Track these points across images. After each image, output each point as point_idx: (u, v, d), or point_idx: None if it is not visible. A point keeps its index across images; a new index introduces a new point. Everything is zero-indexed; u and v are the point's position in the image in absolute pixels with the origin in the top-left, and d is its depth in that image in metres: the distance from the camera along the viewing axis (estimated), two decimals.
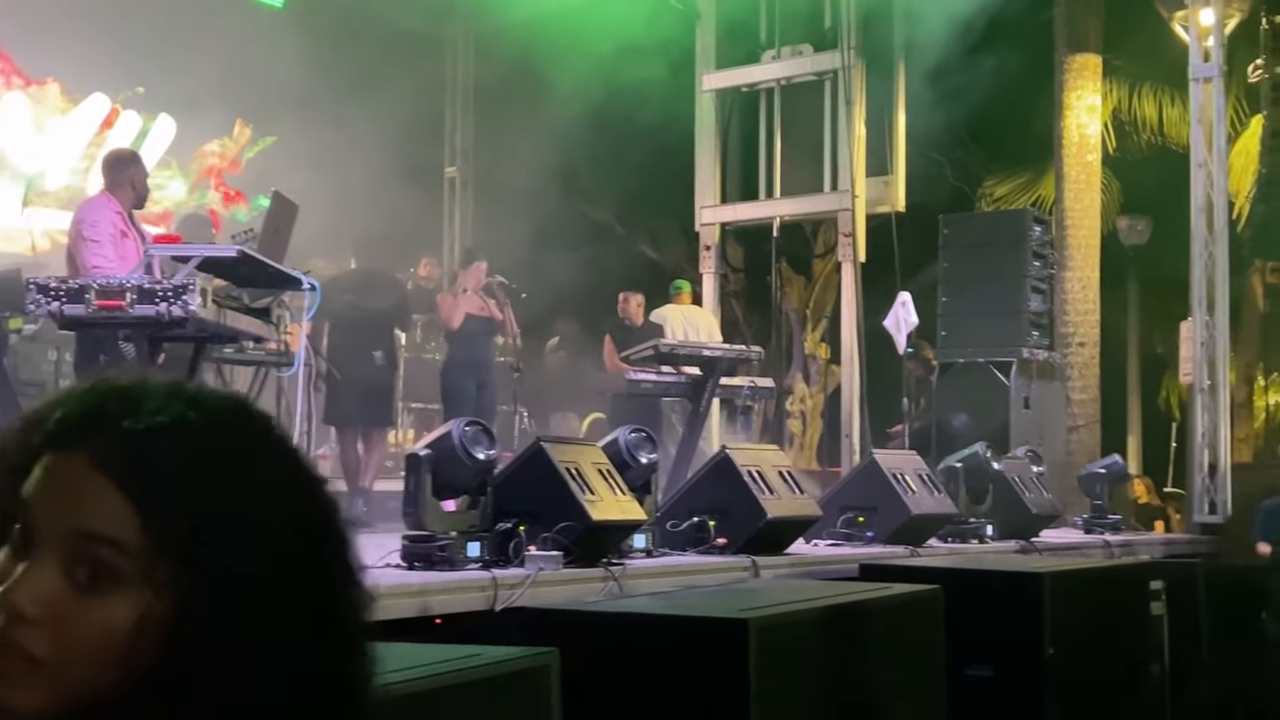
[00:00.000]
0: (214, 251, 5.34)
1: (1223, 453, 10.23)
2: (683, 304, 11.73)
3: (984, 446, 8.19)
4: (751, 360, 10.51)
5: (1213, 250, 10.27)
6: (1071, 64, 12.43)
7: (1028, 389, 10.52)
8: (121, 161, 6.85)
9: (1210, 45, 10.36)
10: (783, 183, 12.81)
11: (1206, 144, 10.34)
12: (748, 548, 6.36)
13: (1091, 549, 8.66)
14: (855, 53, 12.11)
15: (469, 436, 5.45)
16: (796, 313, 17.79)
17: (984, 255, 10.86)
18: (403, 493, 5.42)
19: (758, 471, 6.55)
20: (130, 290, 5.11)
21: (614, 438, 6.33)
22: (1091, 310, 12.44)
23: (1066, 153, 12.43)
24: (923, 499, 7.37)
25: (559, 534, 5.44)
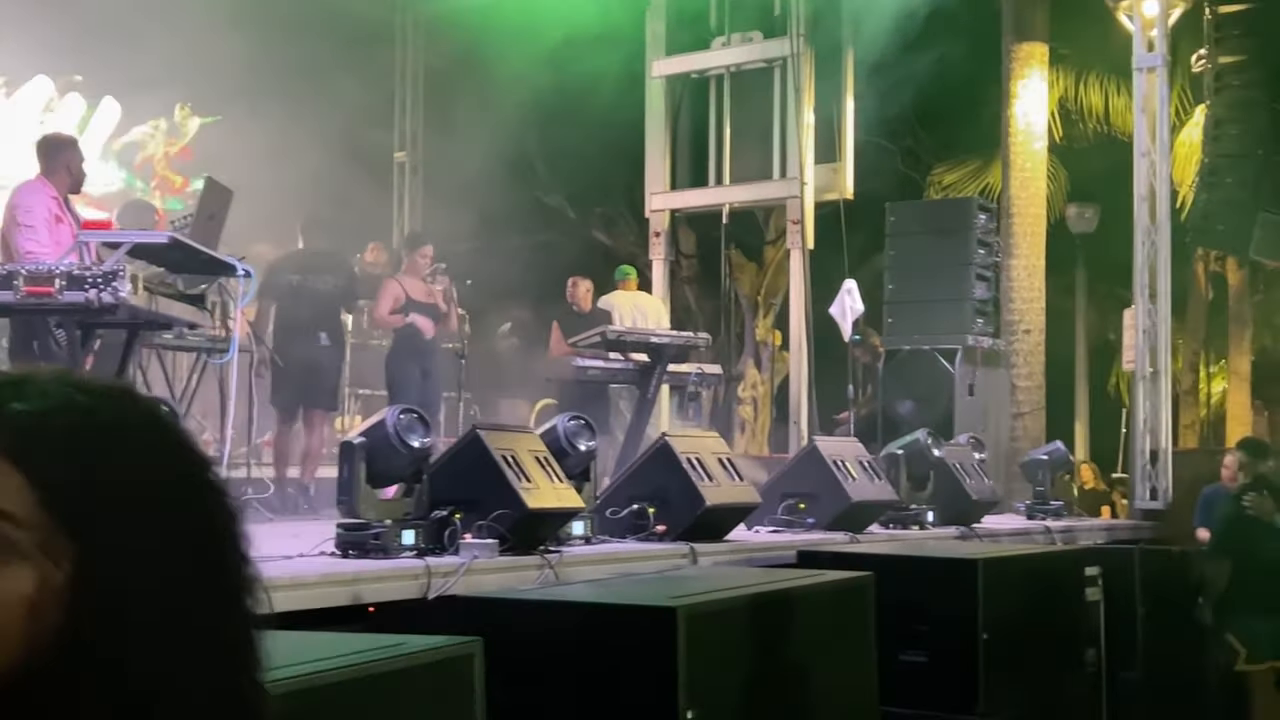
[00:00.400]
0: (145, 237, 5.30)
1: (1164, 439, 10.33)
2: (630, 290, 11.73)
3: (925, 433, 8.24)
4: (699, 347, 10.54)
5: (1155, 239, 10.35)
6: (1018, 52, 12.49)
7: (972, 376, 10.60)
8: (57, 145, 6.76)
9: (1154, 35, 10.44)
10: (732, 169, 12.83)
11: (1150, 133, 10.42)
12: (687, 535, 6.37)
13: (1033, 535, 8.73)
14: (804, 40, 12.14)
15: (403, 424, 5.43)
16: (748, 299, 17.84)
17: (930, 243, 10.92)
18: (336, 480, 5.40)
19: (697, 459, 6.55)
20: (59, 277, 5.06)
21: (552, 425, 6.32)
22: (1037, 298, 12.53)
23: (1013, 141, 12.50)
24: (863, 486, 7.40)
25: (494, 522, 5.43)
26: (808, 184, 12.17)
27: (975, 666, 5.51)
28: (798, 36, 12.13)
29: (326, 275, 9.60)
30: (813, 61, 12.26)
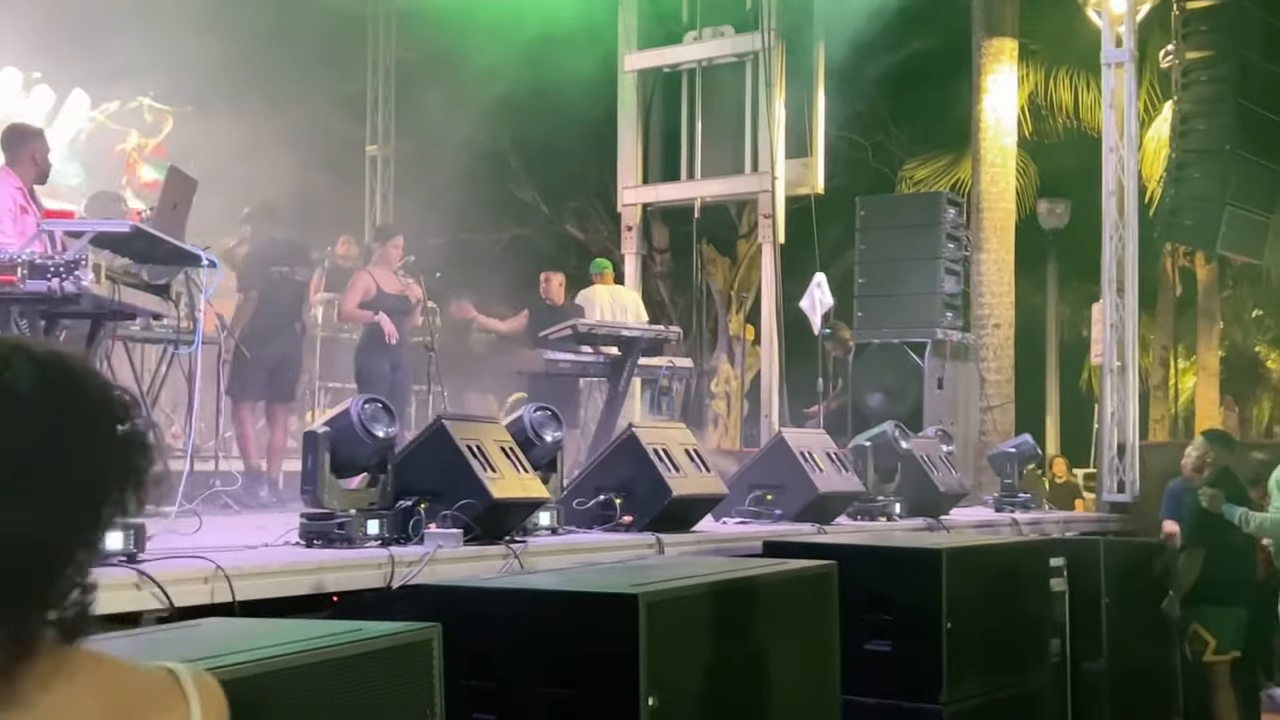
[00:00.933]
0: (107, 226, 5.27)
1: (1131, 432, 10.39)
2: (607, 283, 11.74)
3: (892, 426, 8.26)
4: (670, 340, 10.56)
5: (1123, 234, 10.41)
6: (988, 48, 12.55)
7: (941, 370, 10.64)
8: (22, 135, 6.73)
9: (1122, 31, 10.49)
10: (704, 164, 12.85)
11: (1118, 129, 10.47)
12: (654, 525, 6.37)
13: (1000, 527, 8.77)
14: (776, 35, 12.16)
15: (368, 414, 5.42)
16: (721, 294, 17.87)
17: (900, 237, 10.97)
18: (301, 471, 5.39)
19: (664, 450, 6.56)
20: (21, 265, 5.04)
21: (519, 415, 6.32)
22: (1006, 292, 12.59)
23: (983, 136, 12.55)
24: (830, 477, 7.42)
25: (459, 511, 5.43)
26: (779, 178, 12.21)
27: (939, 656, 5.53)
28: (769, 31, 12.16)
29: (303, 266, 9.61)
30: (784, 56, 12.29)
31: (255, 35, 12.14)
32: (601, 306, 11.25)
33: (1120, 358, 10.46)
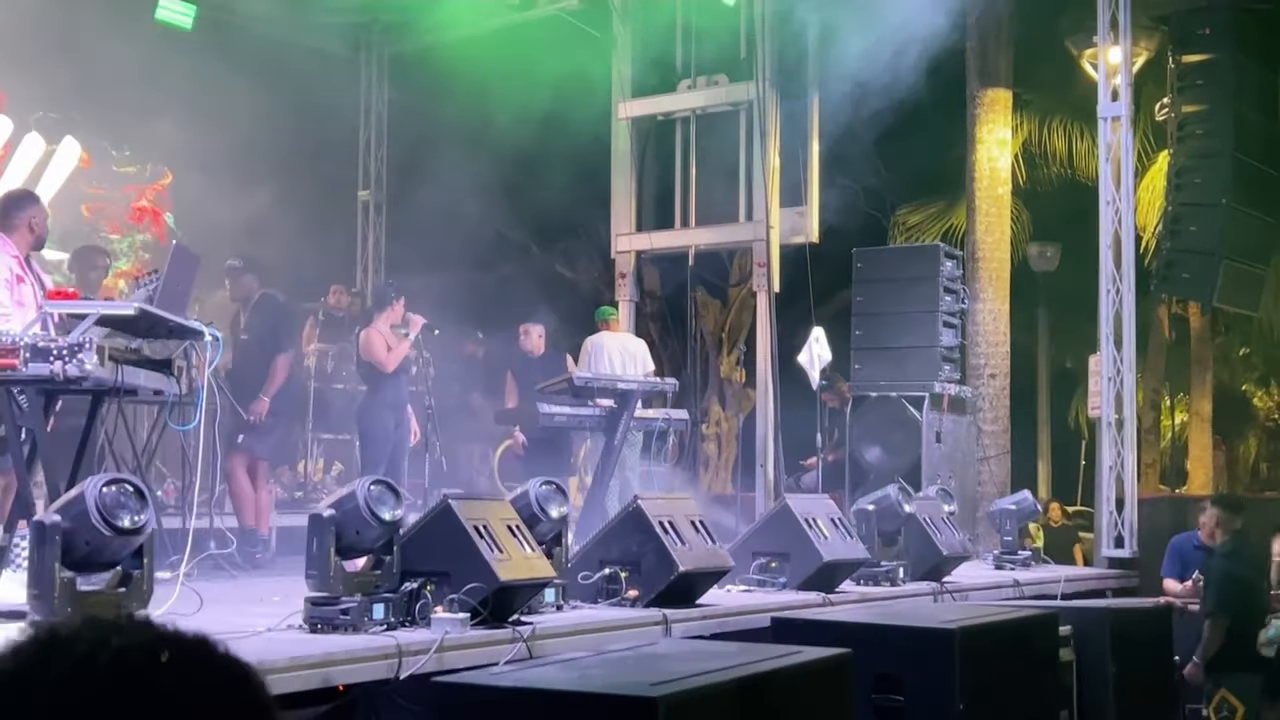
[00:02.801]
0: (111, 309, 5.20)
1: (1130, 487, 10.35)
2: (615, 330, 11.66)
3: (896, 489, 8.23)
4: (667, 393, 10.51)
5: (1120, 286, 10.39)
6: (983, 98, 12.55)
7: (939, 423, 10.60)
8: (17, 203, 6.64)
9: (1118, 83, 10.50)
10: (698, 211, 12.82)
11: (1114, 181, 10.47)
12: (660, 600, 6.32)
13: (1002, 588, 8.72)
14: (770, 84, 12.15)
15: (374, 496, 5.35)
16: (712, 336, 17.80)
17: (897, 289, 10.94)
18: (306, 554, 5.31)
19: (670, 521, 6.50)
20: (24, 349, 4.96)
21: (524, 491, 6.26)
22: (1002, 342, 12.56)
23: (978, 186, 12.54)
24: (835, 545, 7.37)
25: (466, 595, 5.36)
26: (774, 227, 12.18)
27: None
28: (763, 80, 12.15)
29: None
30: (778, 105, 12.27)
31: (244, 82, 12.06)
32: (610, 355, 11.15)
33: (1118, 411, 10.43)
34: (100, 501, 4.43)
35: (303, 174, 13.09)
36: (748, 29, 12.41)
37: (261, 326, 9.28)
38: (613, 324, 11.63)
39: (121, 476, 4.59)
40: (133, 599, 4.59)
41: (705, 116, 12.83)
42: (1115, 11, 10.44)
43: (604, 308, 11.99)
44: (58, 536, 4.37)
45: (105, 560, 4.61)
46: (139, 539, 4.57)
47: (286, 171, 12.83)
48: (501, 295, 16.15)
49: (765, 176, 12.11)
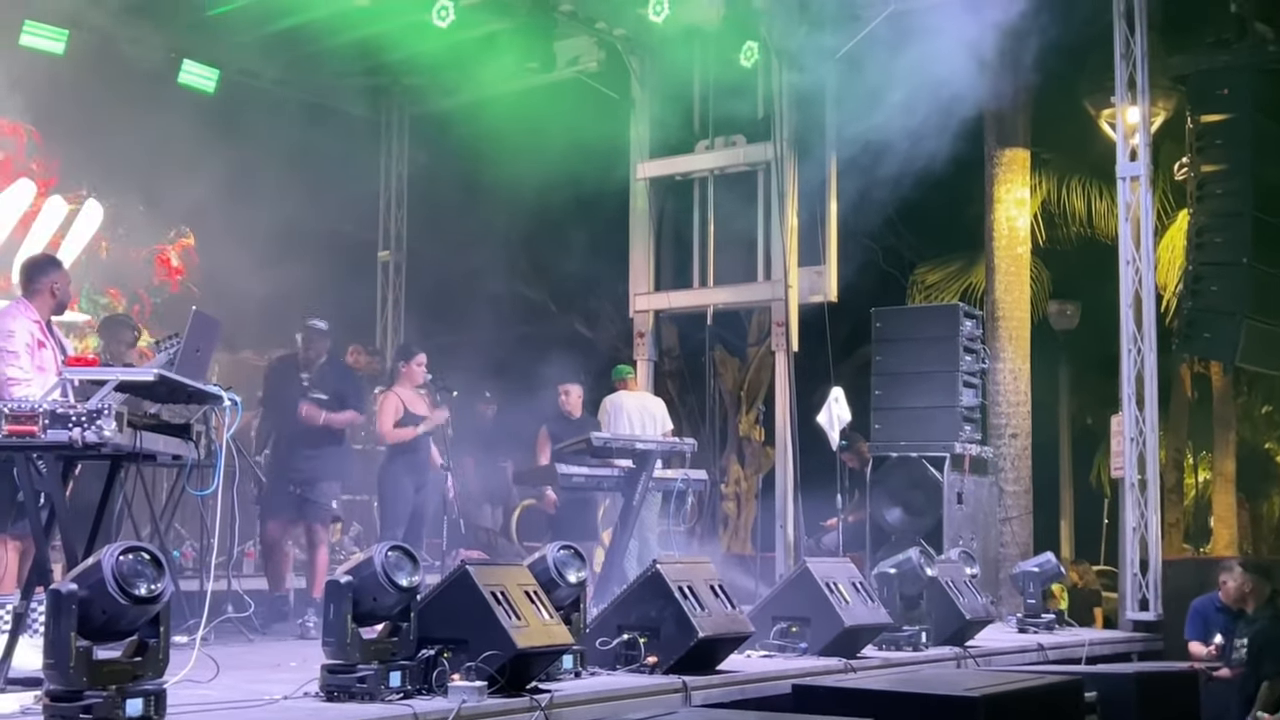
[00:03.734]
0: (131, 375, 5.20)
1: (1154, 549, 10.24)
2: (634, 390, 11.62)
3: (918, 552, 8.15)
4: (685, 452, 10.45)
5: (1141, 346, 10.34)
6: (1001, 158, 12.58)
7: (961, 484, 10.52)
8: (41, 268, 6.68)
9: (1137, 142, 10.50)
10: (716, 271, 12.84)
11: (1134, 241, 10.44)
12: (679, 666, 6.26)
13: (1026, 652, 8.62)
14: (787, 144, 12.20)
15: (392, 562, 5.33)
16: (731, 395, 17.76)
17: (916, 349, 10.89)
18: (322, 620, 5.28)
19: (689, 587, 6.45)
20: (43, 415, 4.96)
21: (542, 556, 6.22)
22: (1023, 401, 12.50)
23: (997, 245, 12.54)
24: (856, 609, 7.30)
25: (484, 663, 5.32)
26: (792, 286, 12.19)
27: None
28: (781, 141, 12.20)
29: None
30: (796, 165, 12.31)
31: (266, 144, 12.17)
32: (629, 414, 11.10)
33: (1141, 471, 10.34)
34: (117, 570, 4.39)
35: (323, 234, 13.16)
36: (765, 90, 12.48)
37: (342, 385, 9.30)
38: (630, 383, 11.61)
39: (138, 544, 4.55)
40: (148, 667, 4.55)
41: (723, 177, 12.89)
42: (1133, 72, 10.46)
43: (621, 366, 11.97)
44: (74, 605, 4.33)
45: (122, 629, 4.55)
46: (156, 607, 4.54)
47: (307, 232, 12.91)
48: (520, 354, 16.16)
49: (783, 236, 12.14)
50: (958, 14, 10.75)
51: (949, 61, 10.67)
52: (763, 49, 12.20)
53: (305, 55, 13.22)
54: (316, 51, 13.10)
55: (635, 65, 13.13)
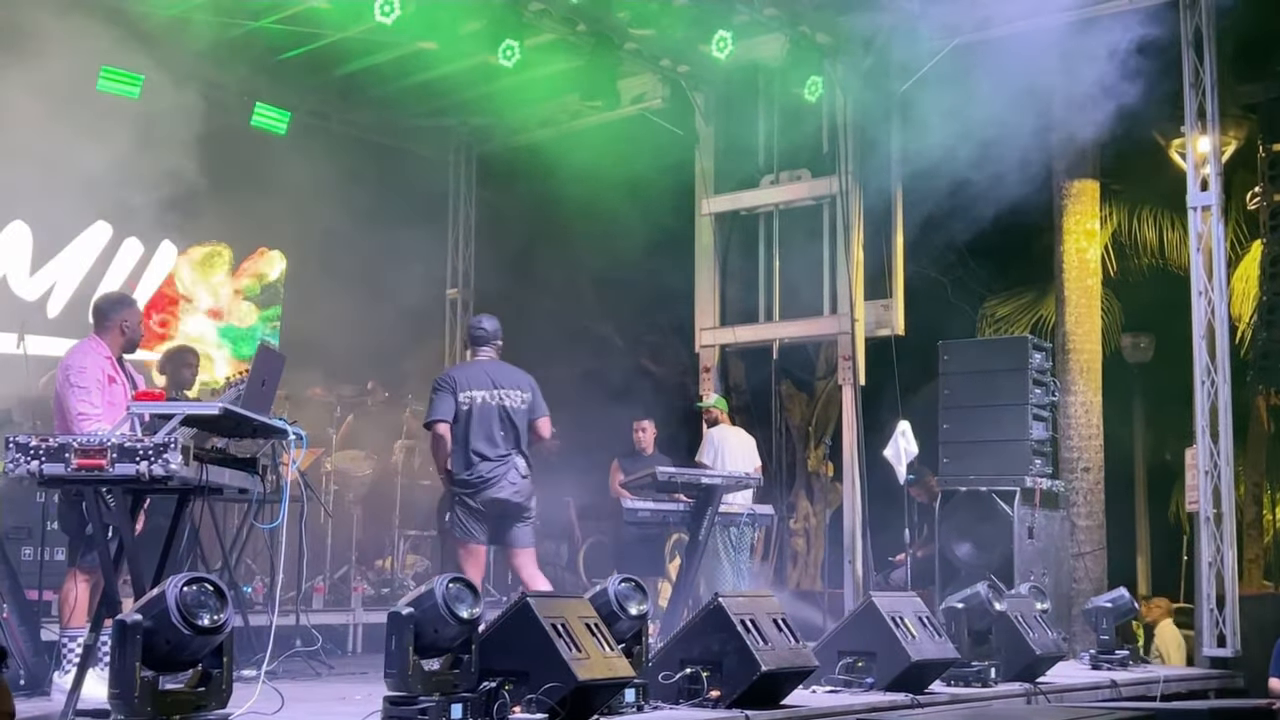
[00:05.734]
0: (197, 409, 5.29)
1: (1230, 583, 10.04)
2: (727, 424, 11.62)
3: (986, 587, 8.05)
4: (751, 487, 10.42)
5: (1215, 378, 10.18)
6: (1070, 189, 12.45)
7: (1031, 518, 10.38)
8: (112, 305, 6.81)
9: (1208, 172, 10.36)
10: (782, 305, 12.82)
11: (1206, 271, 10.30)
12: (742, 700, 6.22)
13: (1099, 689, 8.47)
14: (852, 177, 12.18)
15: (453, 594, 5.35)
16: (798, 430, 17.67)
17: (984, 382, 10.77)
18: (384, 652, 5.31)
19: (751, 620, 6.41)
20: (110, 449, 5.05)
21: (603, 588, 6.22)
22: (1095, 435, 12.32)
23: (1067, 277, 12.40)
24: (923, 644, 7.22)
25: (544, 695, 5.32)
26: (859, 320, 12.13)
27: None
28: (846, 174, 12.18)
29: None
30: (861, 198, 12.28)
31: (336, 184, 12.34)
32: (731, 450, 11.11)
33: (1217, 505, 10.16)
34: (180, 600, 4.48)
35: (392, 273, 13.31)
36: (830, 123, 12.47)
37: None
38: (726, 417, 11.64)
39: (202, 575, 4.63)
40: (212, 697, 4.61)
41: (788, 211, 12.88)
42: (1203, 101, 10.34)
43: (720, 398, 11.98)
44: (139, 636, 4.42)
45: (186, 659, 4.64)
46: (219, 638, 4.61)
47: (376, 271, 13.08)
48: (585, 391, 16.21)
49: (849, 269, 12.10)
50: (1023, 45, 10.71)
51: (1015, 93, 10.61)
52: (826, 83, 12.19)
53: (374, 98, 13.44)
54: (385, 94, 13.32)
55: (699, 101, 13.19)
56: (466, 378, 7.92)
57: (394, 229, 13.21)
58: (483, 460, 7.76)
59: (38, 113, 9.86)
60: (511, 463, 7.83)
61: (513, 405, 7.88)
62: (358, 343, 12.44)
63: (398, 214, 13.47)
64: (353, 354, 12.52)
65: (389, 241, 13.11)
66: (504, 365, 8.07)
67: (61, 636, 6.39)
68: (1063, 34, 10.83)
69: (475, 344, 8.14)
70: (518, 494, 7.84)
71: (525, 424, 7.94)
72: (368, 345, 12.61)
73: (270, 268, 13.45)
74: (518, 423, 7.89)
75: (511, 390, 7.90)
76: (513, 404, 7.88)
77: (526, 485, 7.90)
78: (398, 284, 13.40)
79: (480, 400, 7.80)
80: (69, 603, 6.37)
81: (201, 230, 12.41)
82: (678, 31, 11.76)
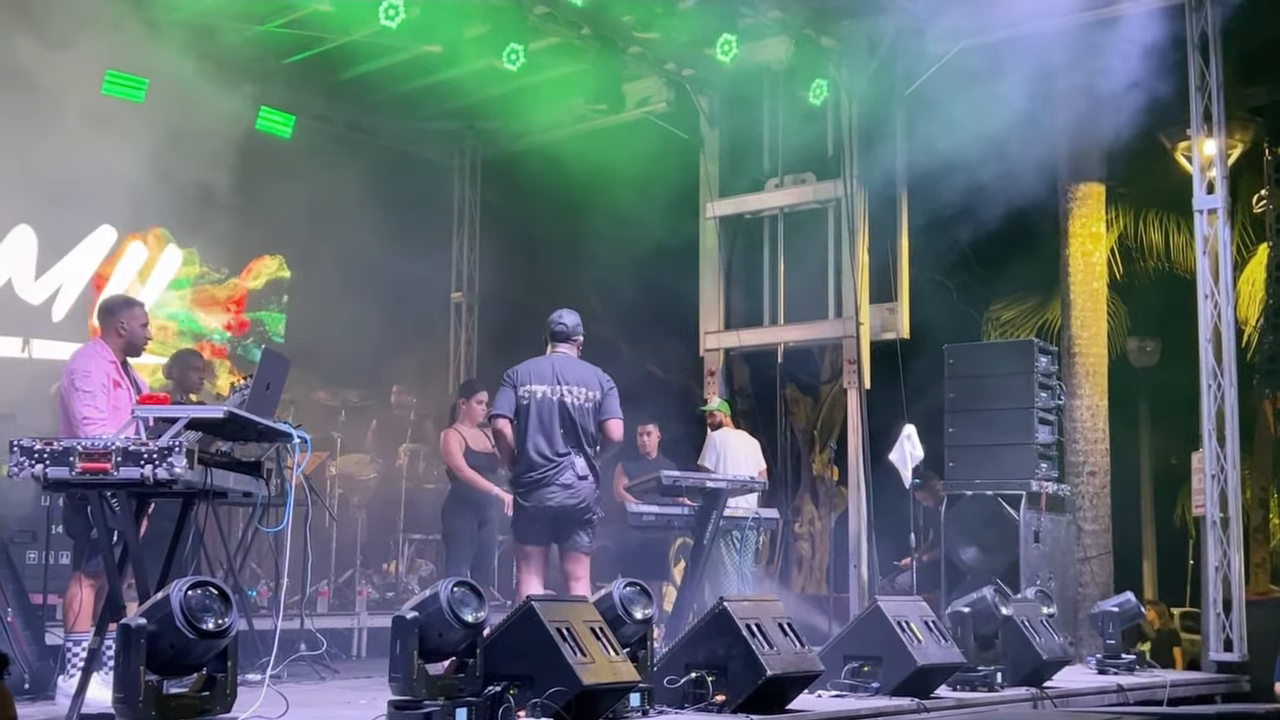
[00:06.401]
0: (201, 413, 5.28)
1: (1237, 587, 10.01)
2: (731, 427, 11.59)
3: (992, 591, 8.03)
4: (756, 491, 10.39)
5: (1221, 381, 10.15)
6: (1075, 192, 12.43)
7: (1037, 522, 10.35)
8: (111, 308, 6.80)
9: (1214, 175, 10.34)
10: (787, 308, 12.82)
11: (1213, 275, 10.28)
12: (747, 705, 6.20)
13: (1105, 693, 8.45)
14: (857, 181, 12.17)
15: (457, 598, 5.34)
16: (804, 434, 17.64)
17: (990, 386, 10.74)
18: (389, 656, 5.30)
19: (757, 625, 6.40)
20: (115, 453, 5.05)
21: (608, 593, 6.20)
22: (1101, 439, 12.29)
23: (1073, 281, 12.38)
24: (929, 648, 7.20)
25: (549, 699, 5.31)
26: (864, 324, 12.12)
27: None
28: (851, 178, 12.18)
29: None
30: (866, 202, 12.27)
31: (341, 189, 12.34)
32: (735, 453, 11.08)
33: (1223, 509, 10.13)
34: (185, 604, 4.47)
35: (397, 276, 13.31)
36: (835, 127, 12.46)
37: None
38: (727, 419, 11.61)
39: (206, 579, 4.62)
40: (216, 701, 4.60)
41: (793, 214, 12.87)
42: (1209, 104, 10.33)
43: (723, 401, 11.95)
44: (143, 640, 4.42)
45: (190, 663, 4.63)
46: (223, 641, 4.60)
47: (381, 274, 13.06)
48: None
49: (854, 273, 12.09)
50: (1028, 49, 10.69)
51: (1020, 96, 10.60)
52: (831, 86, 12.19)
53: (378, 101, 13.44)
54: (389, 98, 13.32)
55: (704, 105, 13.19)
56: (530, 372, 7.54)
57: (398, 232, 13.20)
58: (539, 458, 7.37)
59: (43, 117, 9.87)
60: (568, 463, 7.38)
61: (576, 402, 7.45)
62: (362, 346, 12.44)
63: (402, 217, 13.46)
64: (357, 358, 12.52)
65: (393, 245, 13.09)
66: (576, 362, 7.68)
67: (66, 641, 6.38)
68: (1068, 37, 10.81)
69: (554, 339, 7.75)
70: (573, 495, 7.38)
71: (592, 423, 7.50)
72: (372, 349, 12.61)
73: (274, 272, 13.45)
74: (580, 421, 7.45)
75: (576, 387, 7.48)
76: (576, 400, 7.46)
77: (585, 487, 7.43)
78: (402, 287, 13.40)
79: (541, 395, 7.42)
80: (73, 607, 6.36)
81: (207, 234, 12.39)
82: (682, 35, 11.77)
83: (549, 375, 7.50)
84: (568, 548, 7.46)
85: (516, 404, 7.45)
